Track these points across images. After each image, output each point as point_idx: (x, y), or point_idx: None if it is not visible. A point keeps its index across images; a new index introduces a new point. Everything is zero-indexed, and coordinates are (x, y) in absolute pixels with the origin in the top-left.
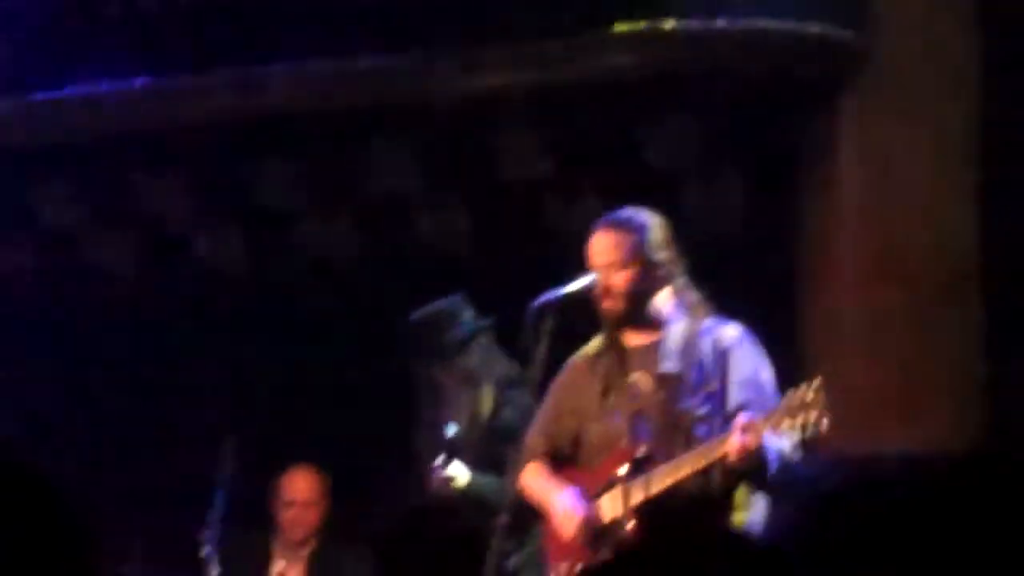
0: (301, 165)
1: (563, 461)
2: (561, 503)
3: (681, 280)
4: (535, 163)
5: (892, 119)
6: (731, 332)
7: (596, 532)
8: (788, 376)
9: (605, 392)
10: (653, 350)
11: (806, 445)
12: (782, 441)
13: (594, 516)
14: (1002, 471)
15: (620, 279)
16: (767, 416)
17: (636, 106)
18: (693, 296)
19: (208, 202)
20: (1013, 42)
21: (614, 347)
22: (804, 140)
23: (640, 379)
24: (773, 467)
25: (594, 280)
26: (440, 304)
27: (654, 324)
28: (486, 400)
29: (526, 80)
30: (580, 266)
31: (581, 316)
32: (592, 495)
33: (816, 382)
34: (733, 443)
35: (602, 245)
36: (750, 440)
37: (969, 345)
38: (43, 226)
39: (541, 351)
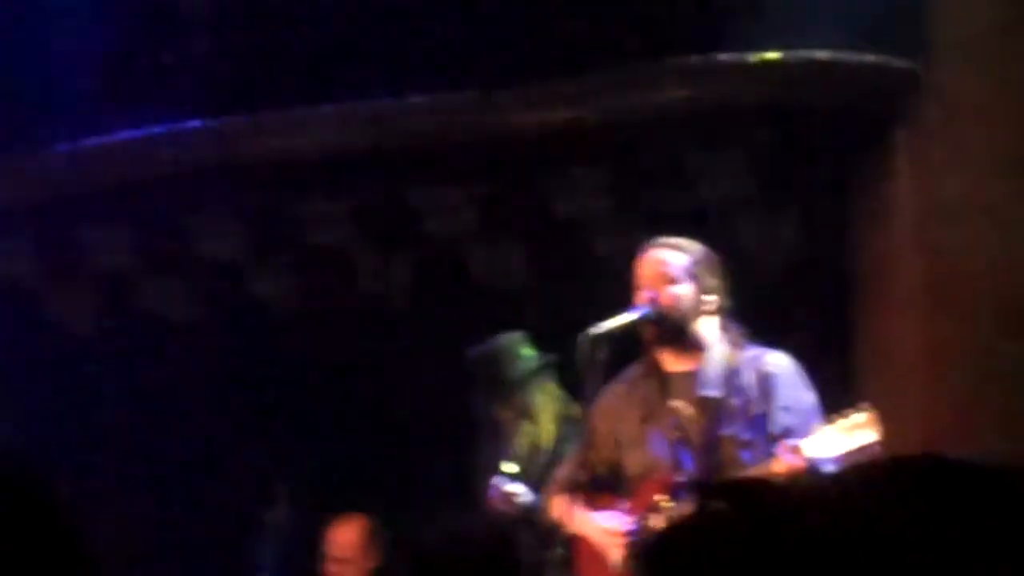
0: (355, 203)
1: (601, 490)
2: (603, 525)
3: (726, 312)
4: (589, 199)
5: (947, 148)
6: (774, 359)
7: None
8: (847, 406)
9: (645, 418)
10: (694, 376)
11: None
12: (829, 467)
13: (643, 531)
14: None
15: (667, 293)
16: (814, 439)
17: (690, 139)
18: (734, 330)
19: (261, 242)
20: None
21: (655, 373)
22: (859, 170)
23: (681, 405)
24: None
25: (646, 311)
26: (499, 341)
27: (696, 350)
28: (546, 434)
29: (580, 115)
30: (633, 301)
31: (633, 347)
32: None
33: (866, 407)
34: (781, 463)
35: (653, 262)
36: (796, 461)
37: None
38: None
39: (594, 382)
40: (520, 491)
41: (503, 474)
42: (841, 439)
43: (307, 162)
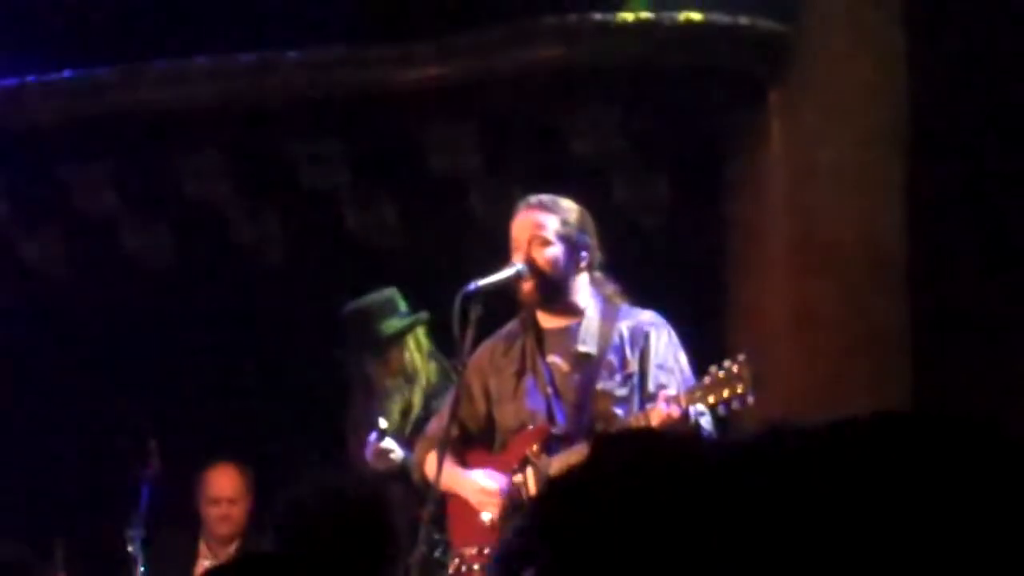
0: (228, 158)
1: (473, 445)
2: (476, 483)
3: (599, 269)
4: (462, 156)
5: (820, 111)
6: (649, 317)
7: (514, 508)
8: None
9: (520, 373)
10: (570, 332)
11: (722, 422)
12: (702, 419)
13: (514, 491)
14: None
15: (543, 256)
16: (690, 390)
17: (564, 98)
18: (609, 286)
19: (133, 195)
20: (940, 34)
21: (530, 329)
22: (731, 132)
23: (557, 360)
24: None
25: (520, 268)
26: (374, 297)
27: (571, 308)
28: (419, 391)
29: (453, 72)
30: (507, 258)
31: (507, 304)
32: (505, 475)
33: (741, 357)
34: (658, 413)
35: (528, 219)
36: (673, 410)
37: (895, 337)
38: None
39: (468, 339)
40: (394, 447)
41: (378, 430)
42: (716, 389)
43: (180, 114)
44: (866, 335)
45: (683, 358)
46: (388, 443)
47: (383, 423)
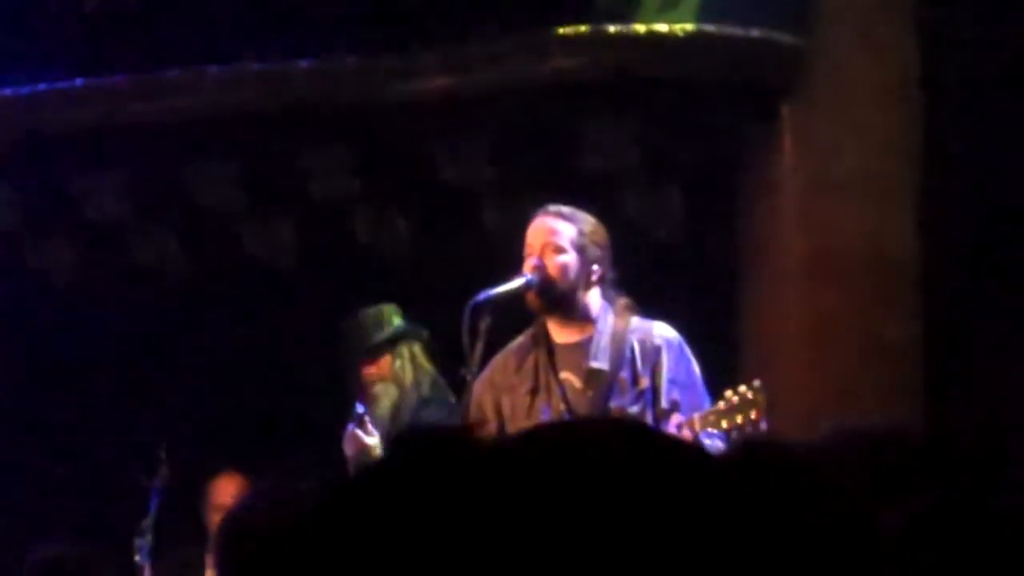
0: (239, 167)
1: None
2: None
3: (611, 283)
4: (474, 167)
5: (832, 123)
6: (662, 331)
7: None
8: (728, 380)
9: (534, 391)
10: (582, 348)
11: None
12: (714, 443)
13: None
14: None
15: (554, 262)
16: (703, 415)
17: (576, 110)
18: (621, 299)
19: (145, 204)
20: (953, 47)
21: (542, 343)
22: (744, 144)
23: (570, 377)
24: None
25: (530, 279)
26: (370, 309)
27: (583, 321)
28: (409, 404)
29: (463, 84)
30: (519, 269)
31: (517, 315)
32: None
33: (756, 383)
34: None
35: (542, 230)
36: (685, 435)
37: (908, 349)
38: None
39: (478, 350)
40: (371, 434)
41: (355, 417)
42: (730, 414)
43: (192, 123)
44: (878, 347)
45: (696, 372)
46: (363, 430)
47: (360, 409)
